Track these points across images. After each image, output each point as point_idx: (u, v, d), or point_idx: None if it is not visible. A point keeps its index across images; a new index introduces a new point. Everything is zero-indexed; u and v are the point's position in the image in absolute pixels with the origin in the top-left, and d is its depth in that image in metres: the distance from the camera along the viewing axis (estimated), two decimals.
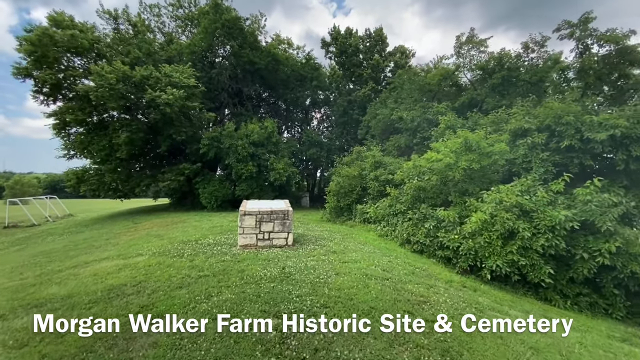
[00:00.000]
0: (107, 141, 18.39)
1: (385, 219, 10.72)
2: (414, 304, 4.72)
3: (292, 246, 7.87)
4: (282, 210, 7.88)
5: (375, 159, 13.55)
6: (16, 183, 73.75)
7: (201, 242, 8.44)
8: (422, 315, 4.35)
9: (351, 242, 8.87)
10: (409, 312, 4.36)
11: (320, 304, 4.32)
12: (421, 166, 9.69)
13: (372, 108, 20.08)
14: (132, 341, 3.53)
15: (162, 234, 10.54)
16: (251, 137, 18.63)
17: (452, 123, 12.59)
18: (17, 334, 3.79)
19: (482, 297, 6.15)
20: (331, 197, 13.92)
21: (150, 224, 14.12)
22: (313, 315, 3.99)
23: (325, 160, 24.54)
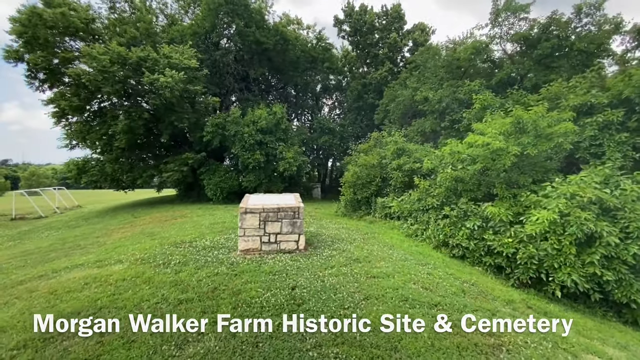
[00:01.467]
0: (106, 130, 17.21)
1: (412, 215, 9.12)
2: (486, 353, 3.18)
3: (304, 251, 6.40)
4: (292, 207, 6.39)
5: (397, 145, 11.86)
6: (32, 174, 74.94)
7: (196, 244, 7.06)
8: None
9: (375, 244, 7.34)
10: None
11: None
12: (460, 152, 7.99)
13: (390, 90, 18.21)
14: None
15: (156, 232, 9.25)
16: (258, 124, 17.11)
17: (489, 103, 10.75)
18: None
19: (560, 325, 4.56)
20: (347, 189, 12.36)
21: (149, 219, 12.93)
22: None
23: (338, 149, 22.87)
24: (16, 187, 65.08)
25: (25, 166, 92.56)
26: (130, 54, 15.39)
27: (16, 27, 15.47)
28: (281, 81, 26.09)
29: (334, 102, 31.58)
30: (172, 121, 16.96)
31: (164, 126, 17.53)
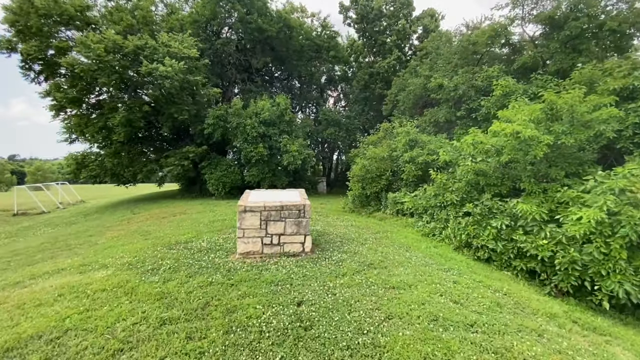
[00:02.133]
0: (104, 122, 16.59)
1: (428, 212, 8.36)
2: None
3: (311, 253, 5.69)
4: (296, 205, 5.67)
5: (409, 136, 11.05)
6: (37, 169, 75.28)
7: (191, 245, 6.40)
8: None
9: (389, 245, 6.61)
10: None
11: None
12: (483, 143, 7.17)
13: (400, 79, 17.28)
14: None
15: (151, 231, 8.62)
16: (261, 115, 16.36)
17: (511, 89, 9.85)
18: None
19: (615, 345, 3.83)
20: (355, 184, 11.61)
21: (147, 216, 12.34)
22: None
23: (344, 142, 22.04)
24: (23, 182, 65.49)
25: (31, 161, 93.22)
26: (127, 43, 14.67)
27: (8, 15, 14.83)
28: (285, 72, 25.22)
29: (339, 94, 30.64)
30: (171, 113, 16.29)
31: (164, 119, 16.88)
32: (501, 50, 13.21)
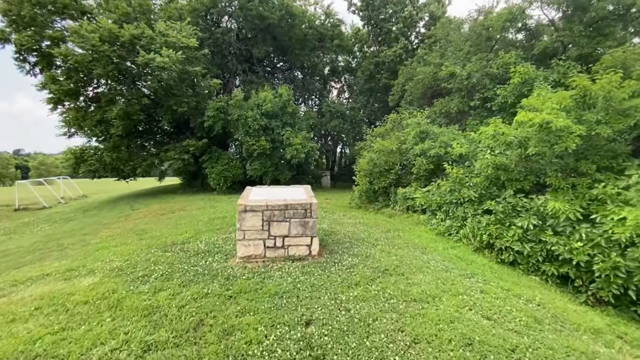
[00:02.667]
0: (101, 115, 16.09)
1: (442, 209, 7.79)
2: None
3: (318, 257, 5.17)
4: (302, 204, 5.12)
5: (420, 128, 10.42)
6: (41, 164, 75.34)
7: (188, 246, 5.91)
8: None
9: (403, 246, 6.07)
10: None
11: None
12: (505, 134, 6.55)
13: (407, 68, 16.53)
14: None
15: (148, 230, 8.15)
16: (263, 107, 15.74)
17: (530, 76, 9.16)
18: None
19: None
20: (362, 178, 11.04)
21: (146, 212, 11.89)
22: None
23: (348, 134, 21.36)
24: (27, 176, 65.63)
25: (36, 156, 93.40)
26: (123, 32, 14.03)
27: (0, 4, 14.24)
28: (287, 62, 24.47)
29: (342, 85, 29.85)
30: (170, 106, 15.72)
31: (163, 111, 16.33)
32: (516, 36, 12.42)
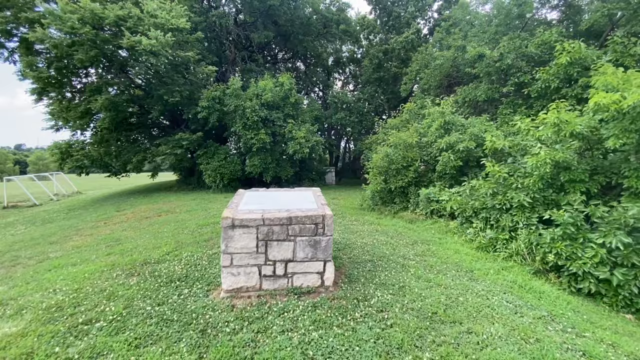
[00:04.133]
0: (85, 106, 14.69)
1: (480, 216, 6.35)
2: None
3: (334, 290, 3.78)
4: (312, 216, 3.70)
5: (445, 118, 8.94)
6: (38, 159, 74.18)
7: (162, 268, 4.53)
8: None
9: (441, 268, 4.67)
10: None
11: None
12: (573, 123, 5.09)
13: (422, 54, 14.96)
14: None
15: (122, 240, 6.77)
16: (263, 97, 14.27)
17: (582, 55, 7.64)
18: None
19: None
20: (375, 176, 9.60)
21: (130, 214, 10.53)
22: None
23: (355, 127, 19.81)
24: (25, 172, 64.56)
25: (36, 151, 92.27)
26: (107, 13, 12.55)
27: None
28: (289, 51, 22.91)
29: (347, 77, 28.27)
30: (161, 95, 14.27)
31: (153, 101, 14.90)
32: (547, 15, 10.85)
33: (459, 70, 13.09)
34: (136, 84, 16.06)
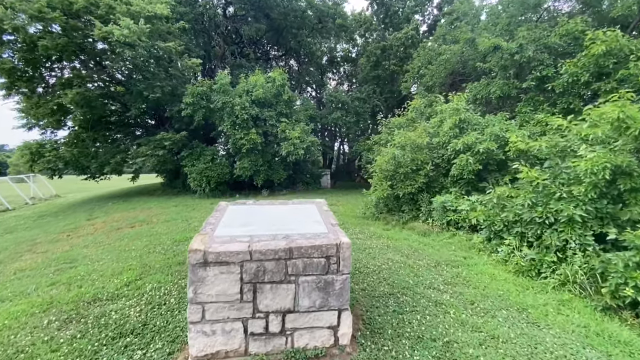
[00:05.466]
0: (55, 102, 13.27)
1: (514, 232, 5.31)
2: None
3: (352, 352, 2.66)
4: (322, 246, 2.57)
5: (459, 115, 7.93)
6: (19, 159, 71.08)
7: (115, 308, 3.34)
8: None
9: (487, 305, 3.59)
10: None
11: None
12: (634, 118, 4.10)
13: (425, 50, 14.01)
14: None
15: (80, 260, 5.51)
16: (254, 94, 13.08)
17: (619, 45, 6.73)
18: None
19: None
20: (380, 182, 8.52)
21: (101, 224, 9.21)
22: None
23: (350, 128, 18.70)
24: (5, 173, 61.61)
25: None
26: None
27: None
28: (282, 48, 21.73)
29: (341, 76, 27.25)
30: (140, 91, 12.95)
31: (132, 98, 13.55)
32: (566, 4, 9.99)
33: (465, 66, 12.17)
34: (116, 79, 14.70)
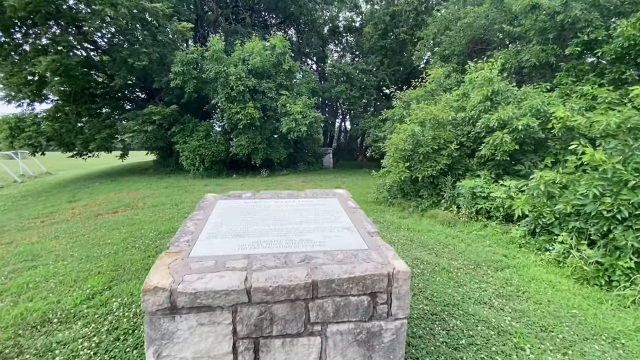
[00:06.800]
0: (29, 71, 11.92)
1: (569, 226, 4.37)
2: None
3: None
4: (366, 277, 1.59)
5: (493, 86, 6.79)
6: None
7: (65, 338, 2.41)
8: None
9: (558, 327, 2.70)
10: None
11: None
12: None
13: (442, 16, 12.53)
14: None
15: (44, 257, 4.58)
16: (250, 62, 11.72)
17: None
18: None
19: None
20: (396, 163, 7.50)
21: (82, 208, 8.25)
22: None
23: (355, 103, 17.34)
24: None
25: None
26: None
27: None
28: (281, 14, 19.91)
29: (344, 48, 25.43)
30: (124, 58, 11.58)
31: (116, 66, 12.19)
32: None
33: (486, 32, 10.82)
34: (99, 47, 13.21)
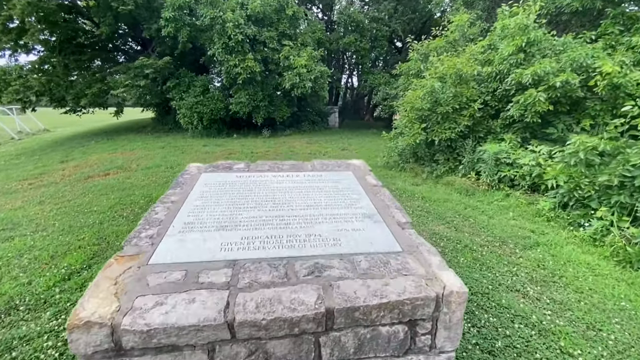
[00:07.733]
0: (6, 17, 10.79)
1: (611, 200, 3.83)
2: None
3: None
4: (402, 302, 1.10)
5: (528, 35, 5.82)
6: None
7: (31, 327, 2.04)
8: None
9: (607, 326, 2.29)
10: None
11: None
12: None
13: None
14: None
15: (24, 226, 4.19)
16: (250, 7, 10.44)
17: None
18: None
19: None
20: (410, 123, 6.80)
21: (73, 169, 7.81)
22: None
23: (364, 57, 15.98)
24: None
25: None
26: None
27: None
28: None
29: None
30: (108, 2, 10.35)
31: (100, 11, 10.98)
32: None
33: None
34: None
